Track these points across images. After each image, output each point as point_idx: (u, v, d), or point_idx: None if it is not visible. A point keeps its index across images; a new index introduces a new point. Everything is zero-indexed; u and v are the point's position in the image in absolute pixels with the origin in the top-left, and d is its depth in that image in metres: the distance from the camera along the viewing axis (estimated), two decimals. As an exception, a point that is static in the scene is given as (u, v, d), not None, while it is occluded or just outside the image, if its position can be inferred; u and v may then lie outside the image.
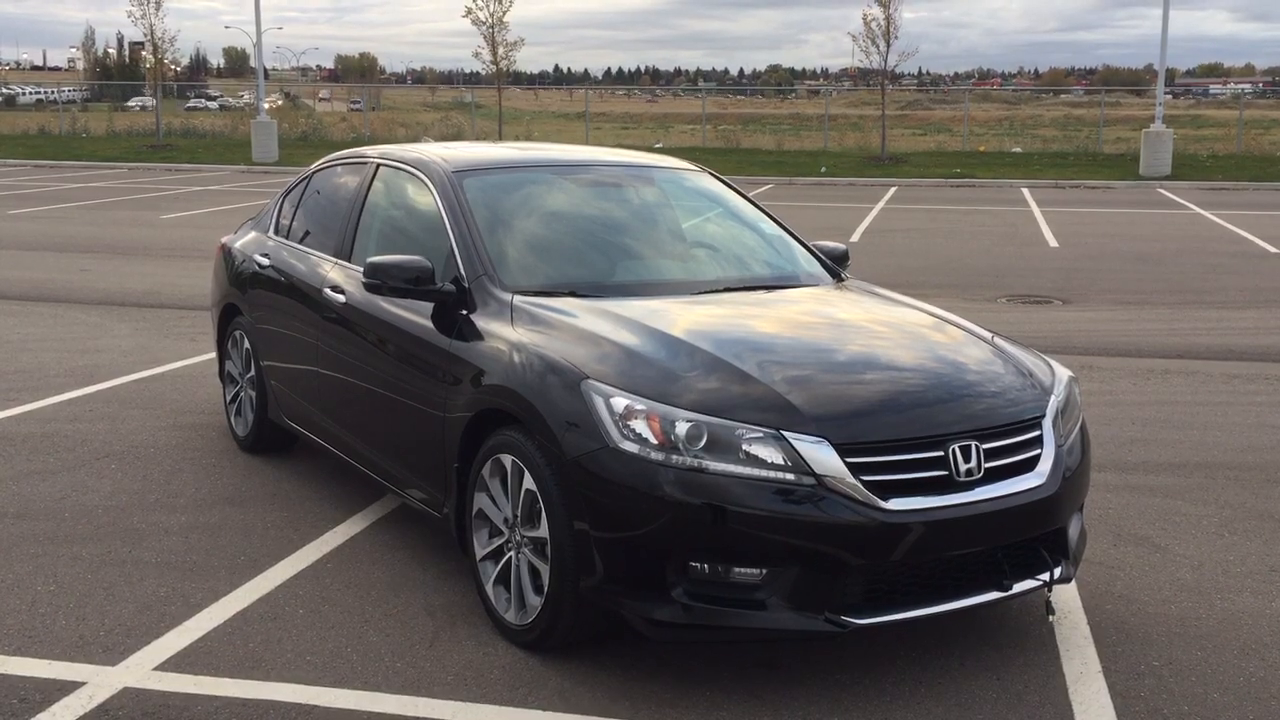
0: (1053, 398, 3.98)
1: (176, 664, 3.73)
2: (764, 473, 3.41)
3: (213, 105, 72.86)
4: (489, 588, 3.99)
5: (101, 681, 3.60)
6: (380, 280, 4.37)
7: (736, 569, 3.44)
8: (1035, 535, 3.75)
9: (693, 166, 5.75)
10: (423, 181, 4.94)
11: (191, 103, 70.37)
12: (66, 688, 3.56)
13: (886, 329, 4.37)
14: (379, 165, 5.36)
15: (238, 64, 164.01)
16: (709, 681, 3.66)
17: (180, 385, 7.43)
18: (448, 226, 4.62)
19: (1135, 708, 3.56)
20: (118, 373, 7.71)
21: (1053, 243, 15.56)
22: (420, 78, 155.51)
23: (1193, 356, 8.59)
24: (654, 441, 3.46)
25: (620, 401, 3.55)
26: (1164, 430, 6.61)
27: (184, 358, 8.19)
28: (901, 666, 3.78)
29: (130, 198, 21.46)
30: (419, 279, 4.34)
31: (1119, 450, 6.18)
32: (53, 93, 66.51)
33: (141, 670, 3.68)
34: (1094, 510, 5.12)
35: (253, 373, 5.93)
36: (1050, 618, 3.98)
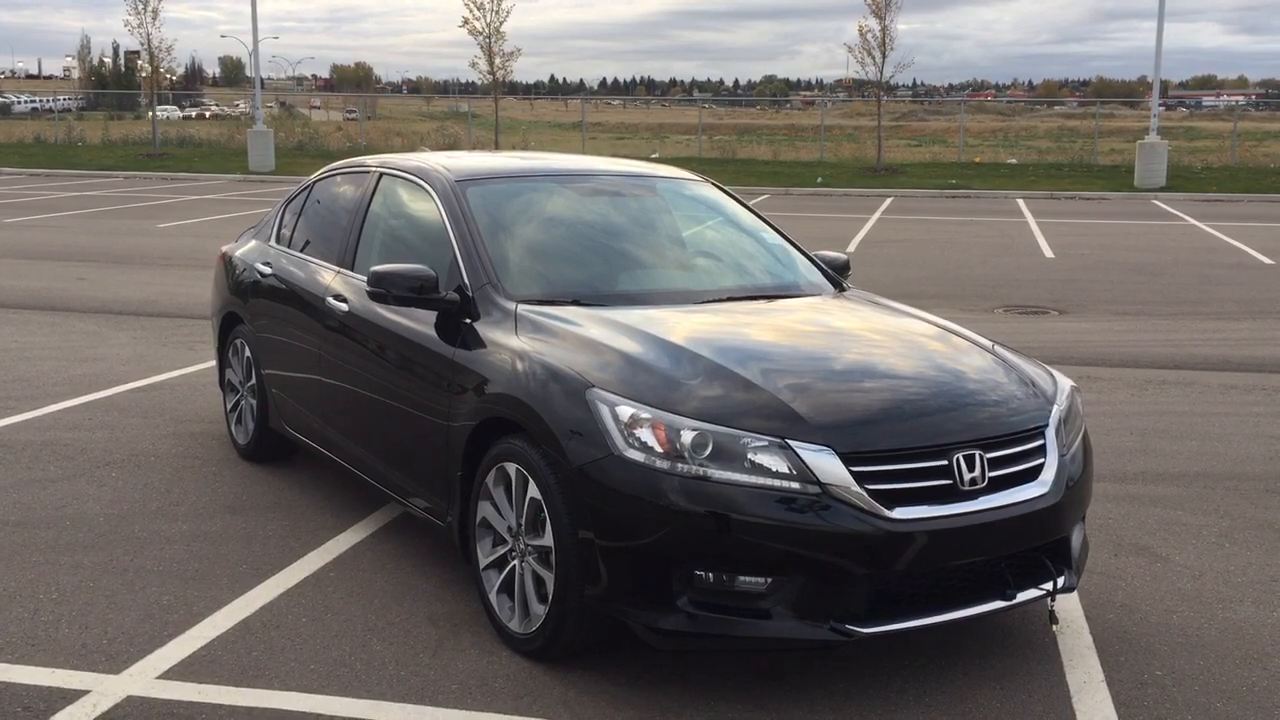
0: (1055, 407, 3.99)
1: (180, 672, 3.73)
2: (769, 481, 3.41)
3: (207, 113, 73.09)
4: (493, 596, 3.99)
5: (105, 690, 3.59)
6: (384, 289, 4.37)
7: (741, 578, 3.44)
8: (1039, 544, 3.76)
9: (694, 176, 5.77)
10: (425, 190, 4.95)
11: (164, 110, 69.97)
12: (70, 696, 3.55)
13: (889, 338, 4.38)
14: (381, 174, 5.36)
15: (233, 73, 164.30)
16: (713, 691, 3.66)
17: (179, 394, 7.43)
18: (451, 235, 4.63)
19: (1139, 717, 3.56)
20: (116, 381, 7.70)
21: (1049, 253, 15.60)
22: (416, 87, 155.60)
23: (1190, 367, 8.61)
24: (659, 450, 3.46)
25: (626, 410, 3.55)
26: (1163, 440, 6.63)
27: (182, 366, 8.19)
28: (906, 676, 3.78)
29: (126, 206, 21.45)
30: (423, 288, 4.34)
31: (1118, 460, 6.20)
32: (48, 101, 66.52)
33: (145, 679, 3.67)
34: (1094, 520, 5.13)
35: (253, 381, 5.93)
36: (1054, 627, 3.99)
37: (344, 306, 4.99)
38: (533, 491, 3.74)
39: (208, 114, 73.34)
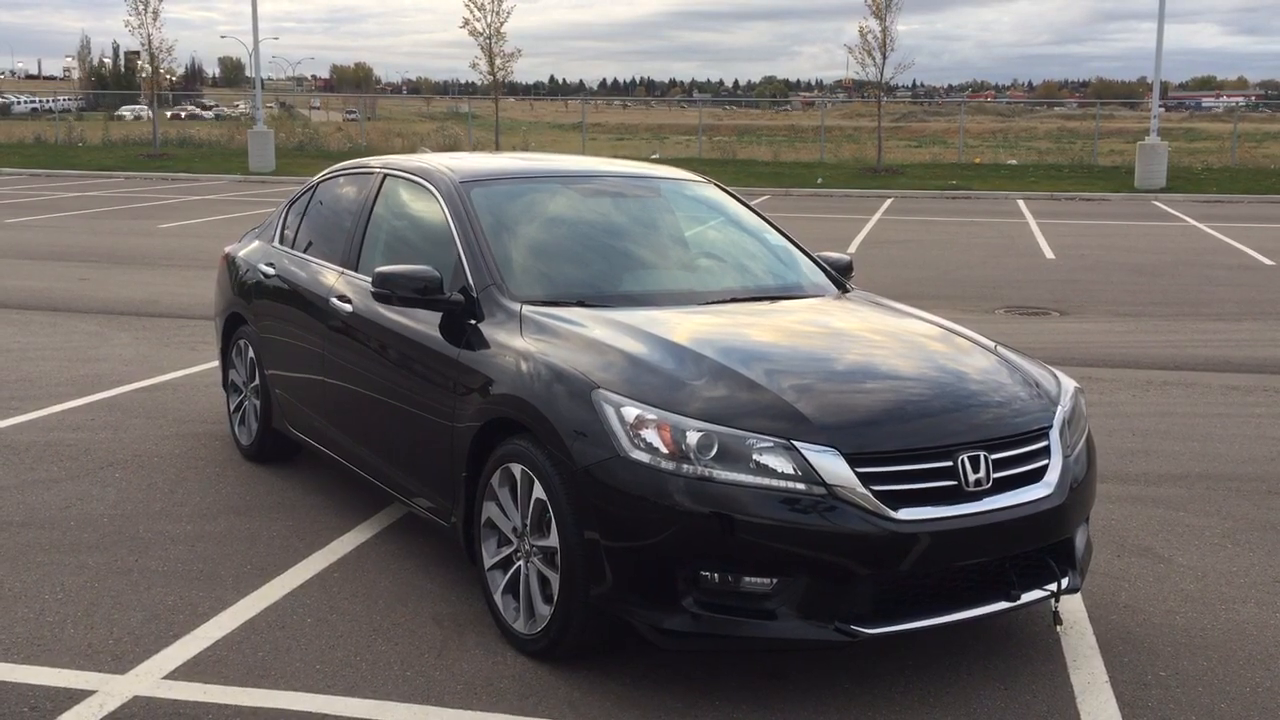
0: (1059, 408, 4.00)
1: (186, 672, 3.73)
2: (774, 482, 3.42)
3: (206, 114, 72.58)
4: (498, 597, 3.99)
5: (111, 690, 3.60)
6: (389, 290, 4.38)
7: (746, 578, 3.45)
8: (1043, 545, 3.77)
9: (698, 177, 5.77)
10: (429, 191, 4.95)
11: (133, 109, 68.79)
12: (76, 696, 3.56)
13: (893, 339, 4.39)
14: (384, 175, 5.37)
15: (233, 74, 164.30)
16: (718, 691, 3.67)
17: (182, 394, 7.43)
18: (455, 236, 4.64)
19: (1143, 718, 3.57)
20: (119, 381, 7.71)
21: (1049, 254, 15.61)
22: (415, 88, 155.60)
23: (1191, 368, 8.62)
24: (665, 451, 3.47)
25: (631, 411, 3.56)
26: (1164, 441, 6.64)
27: (185, 367, 8.20)
28: (910, 676, 3.79)
29: (127, 207, 21.46)
30: (427, 289, 4.35)
31: (1120, 461, 6.20)
32: (48, 101, 66.52)
33: (151, 679, 3.68)
34: (1097, 521, 5.14)
35: (257, 382, 5.93)
36: (1058, 628, 4.00)
37: (348, 307, 5.00)
38: (538, 492, 3.74)
39: (183, 114, 70.99)
